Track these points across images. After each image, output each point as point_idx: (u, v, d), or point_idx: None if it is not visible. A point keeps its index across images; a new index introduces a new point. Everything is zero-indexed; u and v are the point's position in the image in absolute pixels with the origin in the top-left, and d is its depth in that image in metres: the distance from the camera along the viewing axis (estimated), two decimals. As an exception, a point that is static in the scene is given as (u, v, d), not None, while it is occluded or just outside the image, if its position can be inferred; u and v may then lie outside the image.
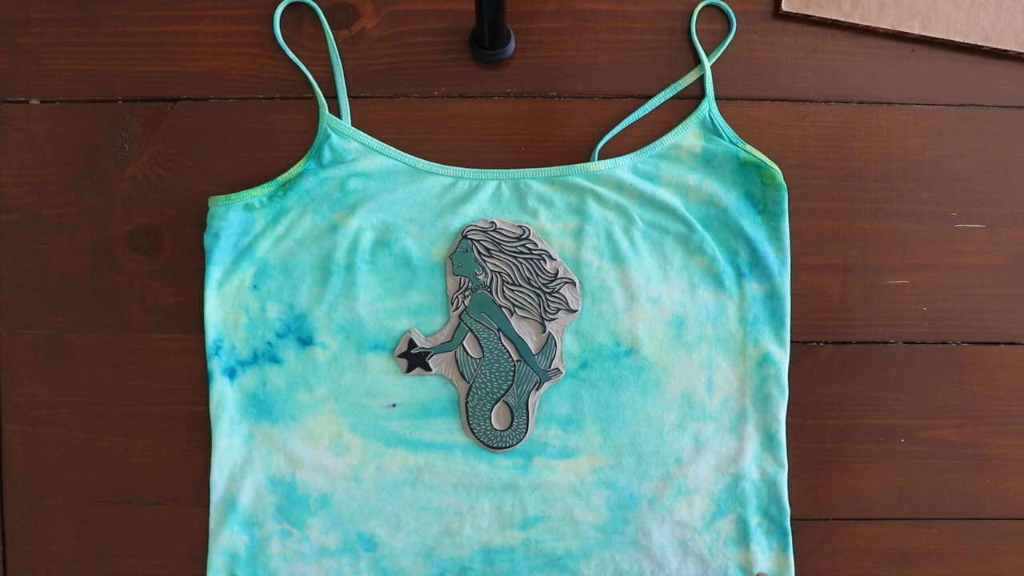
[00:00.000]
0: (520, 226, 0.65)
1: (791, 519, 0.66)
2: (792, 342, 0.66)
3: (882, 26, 0.67)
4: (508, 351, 0.65)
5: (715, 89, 0.67)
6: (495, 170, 0.66)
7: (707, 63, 0.67)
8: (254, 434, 0.66)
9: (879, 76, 0.67)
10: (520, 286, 0.65)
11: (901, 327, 0.68)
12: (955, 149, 0.68)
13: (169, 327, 0.68)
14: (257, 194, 0.66)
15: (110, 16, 0.68)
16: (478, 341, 0.66)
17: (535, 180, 0.66)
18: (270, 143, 0.67)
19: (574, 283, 0.65)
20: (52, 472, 0.68)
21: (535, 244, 0.65)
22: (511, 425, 0.65)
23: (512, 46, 0.66)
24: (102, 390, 0.68)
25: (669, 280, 0.66)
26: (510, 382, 0.65)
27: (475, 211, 0.66)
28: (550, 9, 0.67)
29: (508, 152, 0.67)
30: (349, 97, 0.67)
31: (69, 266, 0.68)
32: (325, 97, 0.67)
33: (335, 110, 0.67)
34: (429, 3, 0.67)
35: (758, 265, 0.66)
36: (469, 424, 0.65)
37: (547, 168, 0.66)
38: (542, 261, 0.65)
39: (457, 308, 0.65)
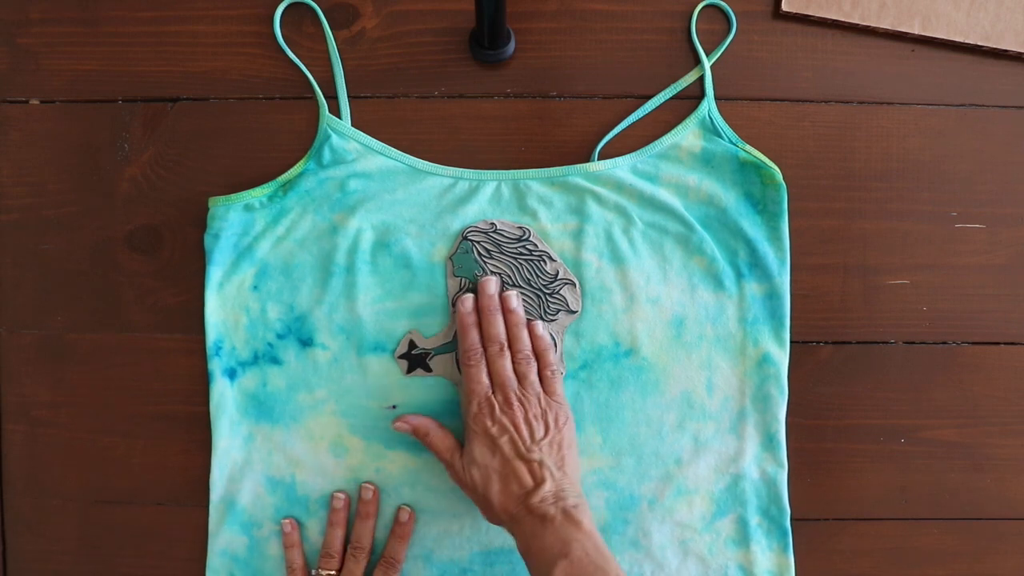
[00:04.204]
0: (520, 227, 0.65)
1: (791, 519, 0.66)
2: (792, 342, 0.66)
3: (882, 26, 0.66)
4: (508, 351, 0.65)
5: (715, 89, 0.67)
6: (495, 171, 0.66)
7: (707, 63, 0.66)
8: (254, 435, 0.66)
9: (879, 76, 0.67)
10: (520, 287, 0.65)
11: (901, 327, 0.68)
12: (955, 149, 0.68)
13: (169, 327, 0.68)
14: (257, 194, 0.66)
15: (110, 16, 0.68)
16: (478, 341, 0.65)
17: (535, 180, 0.66)
18: (270, 143, 0.67)
19: (574, 284, 0.65)
20: (52, 472, 0.68)
21: (535, 245, 0.65)
22: (511, 425, 0.65)
23: (512, 46, 0.66)
24: (102, 390, 0.68)
25: (669, 280, 0.66)
26: (510, 382, 0.65)
27: (475, 212, 0.66)
28: (550, 9, 0.67)
29: (508, 152, 0.67)
30: (349, 97, 0.67)
31: (69, 266, 0.68)
32: (325, 97, 0.67)
33: (335, 110, 0.67)
34: (429, 3, 0.67)
35: (758, 265, 0.65)
36: (469, 424, 0.65)
37: (547, 168, 0.66)
38: (542, 262, 0.65)
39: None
